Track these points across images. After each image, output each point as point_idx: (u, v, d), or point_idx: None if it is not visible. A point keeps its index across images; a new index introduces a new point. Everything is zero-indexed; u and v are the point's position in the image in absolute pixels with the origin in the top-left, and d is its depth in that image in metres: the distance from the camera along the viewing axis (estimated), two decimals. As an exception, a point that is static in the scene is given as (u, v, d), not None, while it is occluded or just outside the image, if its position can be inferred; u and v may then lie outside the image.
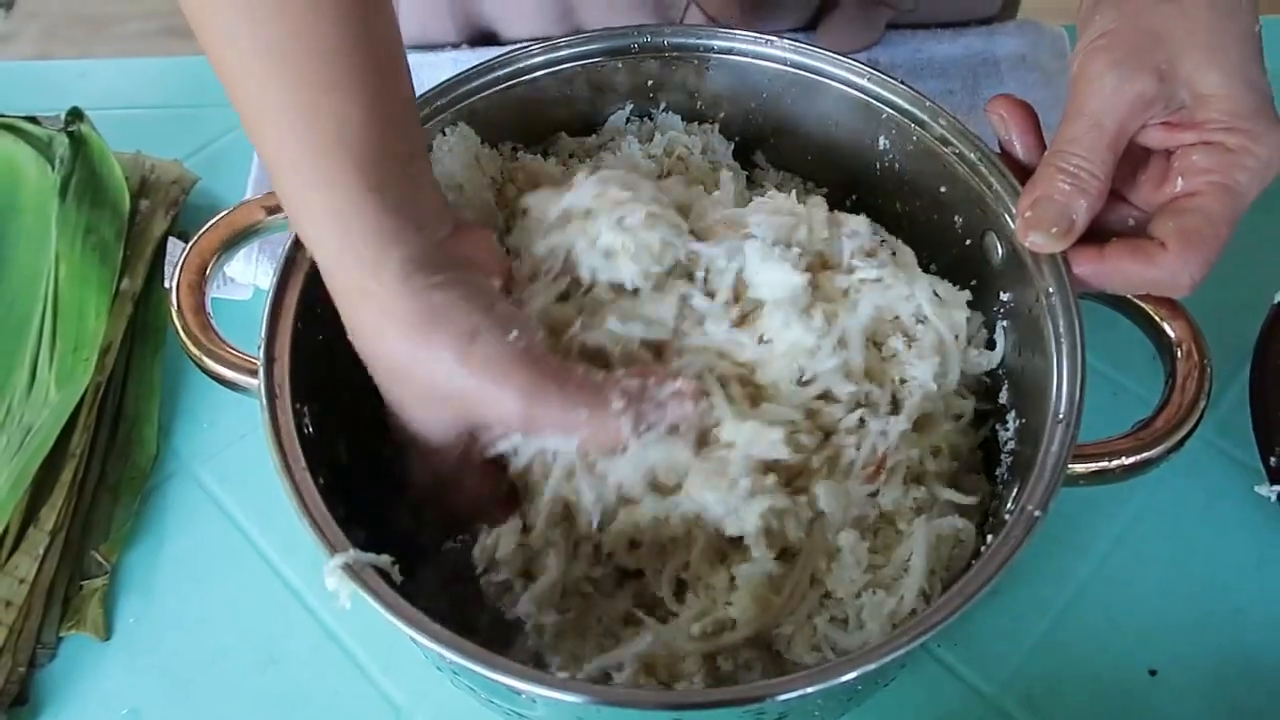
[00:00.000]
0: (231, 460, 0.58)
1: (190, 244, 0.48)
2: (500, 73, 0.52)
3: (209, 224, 0.49)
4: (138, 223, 0.63)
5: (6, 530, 0.52)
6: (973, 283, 0.51)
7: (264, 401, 0.42)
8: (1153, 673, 0.51)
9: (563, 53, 0.53)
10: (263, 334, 0.44)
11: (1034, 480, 0.39)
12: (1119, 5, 0.42)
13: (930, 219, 0.53)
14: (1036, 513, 0.37)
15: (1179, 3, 0.41)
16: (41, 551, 0.52)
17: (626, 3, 0.68)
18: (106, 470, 0.56)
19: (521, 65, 0.52)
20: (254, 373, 0.44)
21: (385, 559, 0.39)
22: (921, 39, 0.72)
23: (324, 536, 0.38)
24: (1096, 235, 0.44)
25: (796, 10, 0.70)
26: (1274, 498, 0.53)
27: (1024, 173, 0.46)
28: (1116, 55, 0.41)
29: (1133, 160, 0.43)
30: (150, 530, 0.56)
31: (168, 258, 0.62)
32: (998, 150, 0.48)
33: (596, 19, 0.69)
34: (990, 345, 0.49)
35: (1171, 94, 0.41)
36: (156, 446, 0.58)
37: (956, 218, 0.51)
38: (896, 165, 0.53)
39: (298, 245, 0.46)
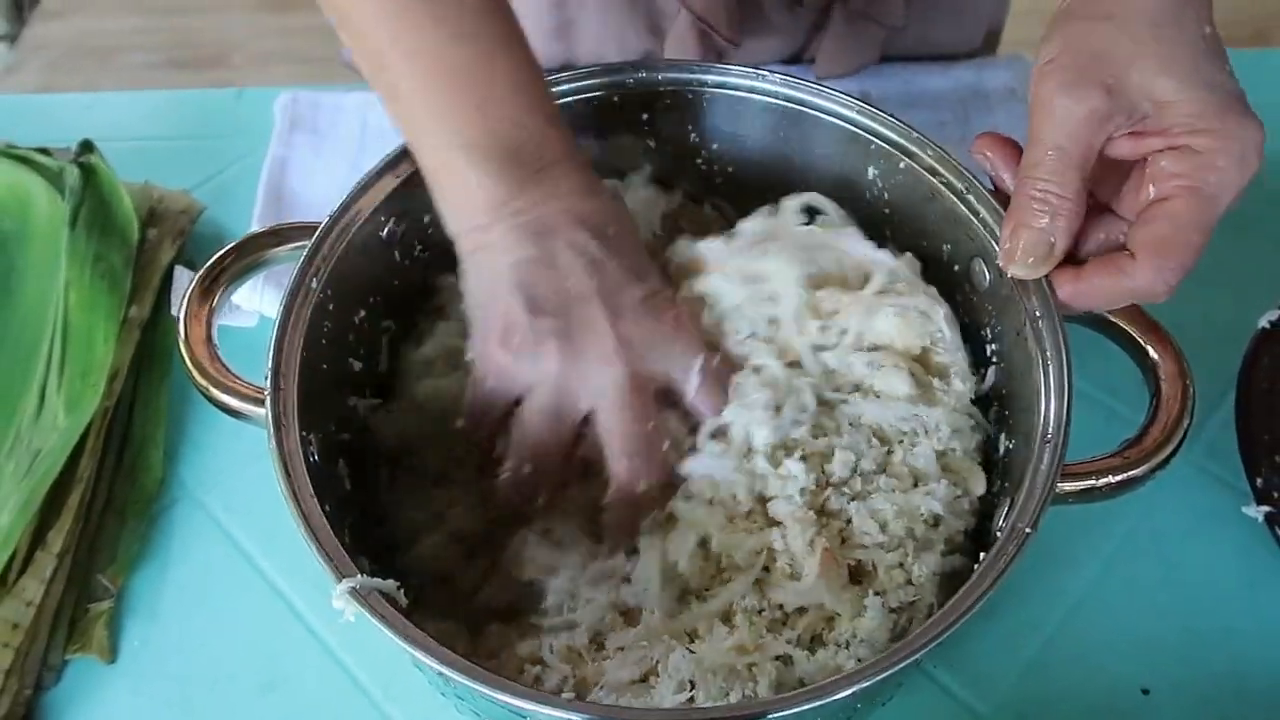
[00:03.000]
0: (236, 486, 0.59)
1: (196, 275, 0.49)
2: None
3: (215, 255, 0.50)
4: (145, 251, 0.64)
5: (15, 553, 0.52)
6: (961, 307, 0.52)
7: (271, 430, 0.43)
8: (1145, 692, 0.51)
9: (560, 88, 0.54)
10: (269, 363, 0.45)
11: (1024, 498, 0.40)
12: (1062, 31, 0.43)
13: (919, 245, 0.54)
14: (1027, 530, 0.38)
15: (1116, 20, 0.42)
16: (49, 574, 0.52)
17: (617, 18, 0.69)
18: (113, 495, 0.57)
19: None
20: (259, 402, 0.45)
21: (391, 584, 0.40)
22: (913, 72, 0.74)
23: (331, 563, 0.39)
24: (1080, 258, 0.45)
25: (788, 28, 0.71)
26: (1261, 518, 0.53)
27: None
28: (1064, 78, 0.42)
29: (1119, 174, 0.44)
30: (155, 554, 0.57)
31: (174, 286, 0.63)
32: (989, 183, 0.49)
33: (592, 30, 0.70)
34: (979, 370, 0.51)
35: (1132, 106, 0.42)
36: (162, 472, 0.59)
37: (944, 245, 0.52)
38: (885, 194, 0.54)
39: (304, 275, 0.47)
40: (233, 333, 0.62)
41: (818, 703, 0.37)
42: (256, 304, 0.63)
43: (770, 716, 0.37)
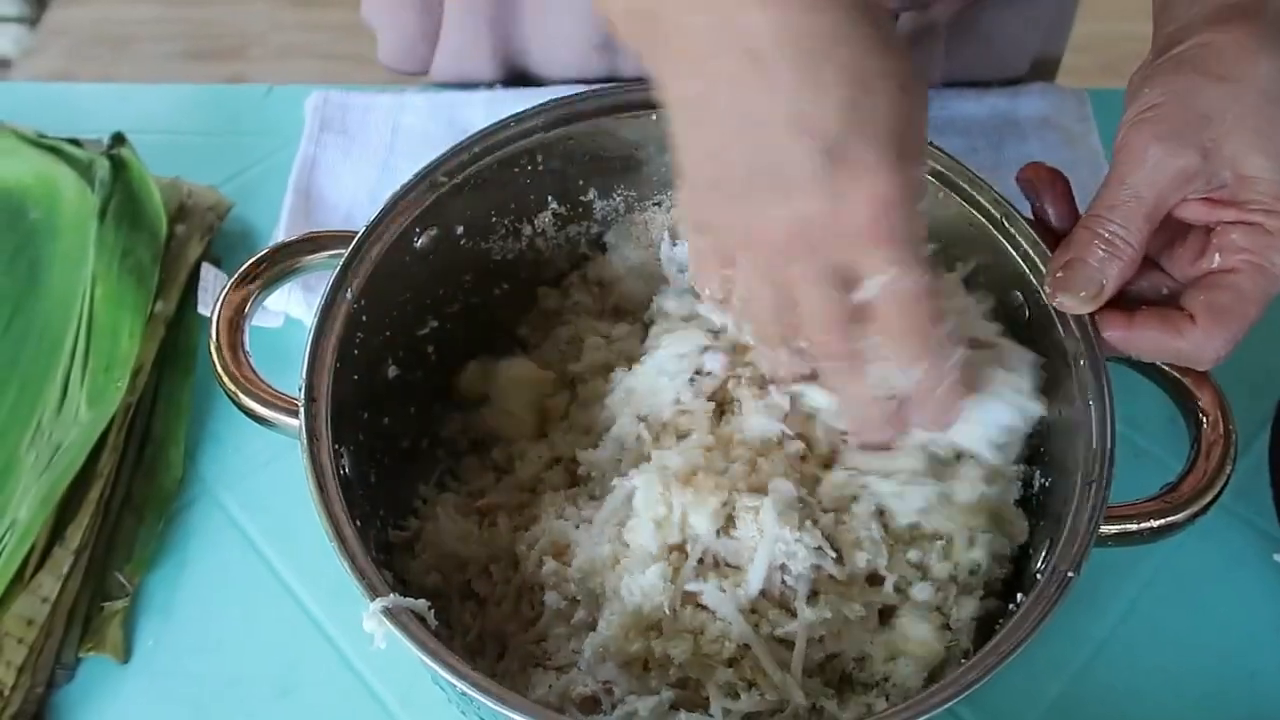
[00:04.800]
0: (256, 486, 0.59)
1: (231, 280, 0.49)
2: (532, 123, 0.52)
3: (251, 260, 0.49)
4: (173, 247, 0.64)
5: (32, 548, 0.52)
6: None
7: (305, 444, 0.42)
8: (1168, 735, 0.51)
9: (601, 102, 0.53)
10: (303, 375, 0.44)
11: (1065, 540, 0.39)
12: (1170, 81, 0.43)
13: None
14: (1070, 574, 0.38)
15: (1231, 84, 0.41)
16: (66, 570, 0.52)
17: None
18: (132, 492, 0.57)
19: (557, 115, 0.53)
20: (289, 411, 0.44)
21: (422, 604, 0.39)
22: (946, 97, 0.74)
23: (365, 580, 0.38)
24: (1127, 302, 0.45)
25: None
26: (1291, 565, 0.53)
27: (1056, 238, 0.47)
28: (1161, 129, 0.42)
29: (1171, 231, 0.44)
30: (172, 553, 0.56)
31: (201, 283, 0.63)
32: (1029, 213, 0.49)
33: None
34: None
35: (1214, 171, 0.42)
36: (182, 470, 0.58)
37: (980, 276, 0.52)
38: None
39: (339, 286, 0.47)
40: (257, 333, 0.61)
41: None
42: (283, 305, 0.62)
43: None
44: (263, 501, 0.58)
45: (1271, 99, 0.41)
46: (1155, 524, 0.41)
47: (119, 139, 0.65)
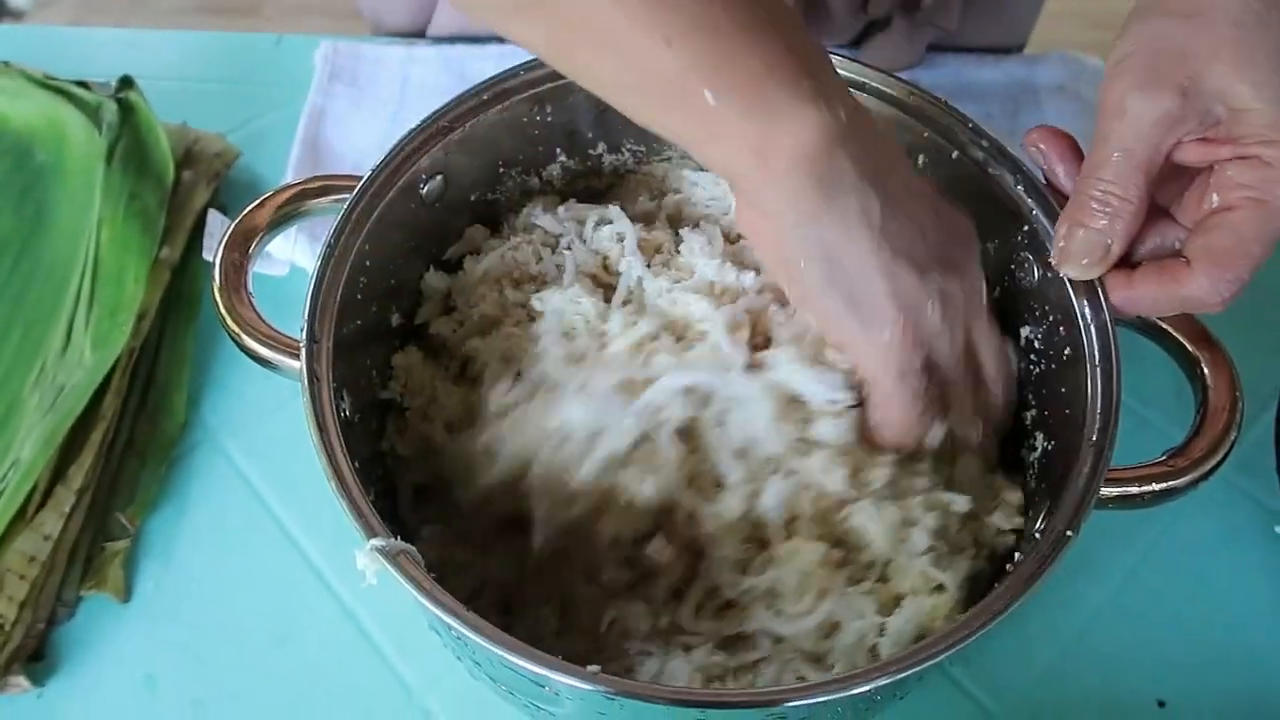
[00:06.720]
0: (258, 434, 0.59)
1: (236, 220, 0.48)
2: (540, 72, 0.52)
3: (256, 201, 0.49)
4: (180, 193, 0.64)
5: (35, 487, 0.52)
6: (1003, 304, 0.51)
7: (305, 384, 0.42)
8: (1161, 704, 0.51)
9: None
10: (305, 317, 0.44)
11: (1065, 500, 0.39)
12: (1138, 30, 0.42)
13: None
14: (1068, 533, 0.38)
15: (1197, 19, 0.40)
16: (67, 509, 0.52)
17: None
18: (135, 435, 0.57)
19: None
20: (292, 353, 0.44)
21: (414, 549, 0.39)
22: (963, 62, 0.73)
23: (362, 520, 0.38)
24: (1134, 261, 0.44)
25: (844, 30, 0.71)
26: (1293, 538, 0.53)
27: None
28: (1137, 78, 0.41)
29: (1180, 178, 0.43)
30: (174, 497, 0.56)
31: (207, 230, 0.63)
32: (1042, 178, 0.48)
33: None
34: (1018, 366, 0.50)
35: (1205, 110, 0.40)
36: (184, 415, 0.59)
37: (991, 240, 0.51)
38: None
39: (342, 229, 0.46)
40: (263, 281, 0.62)
41: (837, 695, 0.37)
42: (288, 253, 0.62)
43: (788, 705, 0.37)
44: (265, 449, 0.58)
45: (1243, 26, 0.39)
46: (1157, 487, 0.41)
47: (127, 82, 0.65)
